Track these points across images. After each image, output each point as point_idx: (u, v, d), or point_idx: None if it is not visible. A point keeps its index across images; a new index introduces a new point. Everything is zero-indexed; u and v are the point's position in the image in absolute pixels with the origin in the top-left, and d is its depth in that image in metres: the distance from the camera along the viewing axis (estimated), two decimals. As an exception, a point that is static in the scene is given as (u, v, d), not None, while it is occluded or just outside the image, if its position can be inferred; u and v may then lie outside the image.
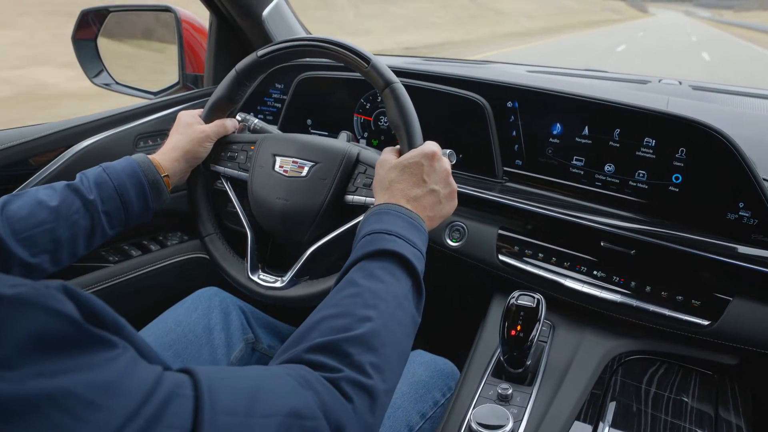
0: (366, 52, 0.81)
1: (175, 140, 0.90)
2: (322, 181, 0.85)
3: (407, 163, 0.73)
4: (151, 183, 0.85)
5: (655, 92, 1.17)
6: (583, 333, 0.89)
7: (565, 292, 0.90)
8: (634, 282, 0.86)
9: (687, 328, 0.81)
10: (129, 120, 1.12)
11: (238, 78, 0.91)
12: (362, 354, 0.51)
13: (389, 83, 0.79)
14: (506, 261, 0.96)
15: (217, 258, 0.92)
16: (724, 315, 0.79)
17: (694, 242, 0.82)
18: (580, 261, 0.91)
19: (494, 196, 0.97)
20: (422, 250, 0.66)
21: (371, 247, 0.63)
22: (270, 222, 0.89)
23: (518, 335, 0.78)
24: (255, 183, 0.90)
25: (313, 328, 0.54)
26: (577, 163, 0.97)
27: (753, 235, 0.81)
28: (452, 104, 1.06)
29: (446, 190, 0.75)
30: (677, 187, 0.88)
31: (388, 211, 0.68)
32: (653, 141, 0.89)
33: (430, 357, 0.96)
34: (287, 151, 0.89)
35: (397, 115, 0.78)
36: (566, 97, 0.95)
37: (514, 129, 1.03)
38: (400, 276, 0.61)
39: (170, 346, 0.97)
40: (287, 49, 0.87)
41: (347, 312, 0.55)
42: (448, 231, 1.03)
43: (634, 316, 0.84)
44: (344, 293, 0.58)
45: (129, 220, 0.85)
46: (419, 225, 0.68)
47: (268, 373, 0.46)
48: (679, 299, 0.82)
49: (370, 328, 0.53)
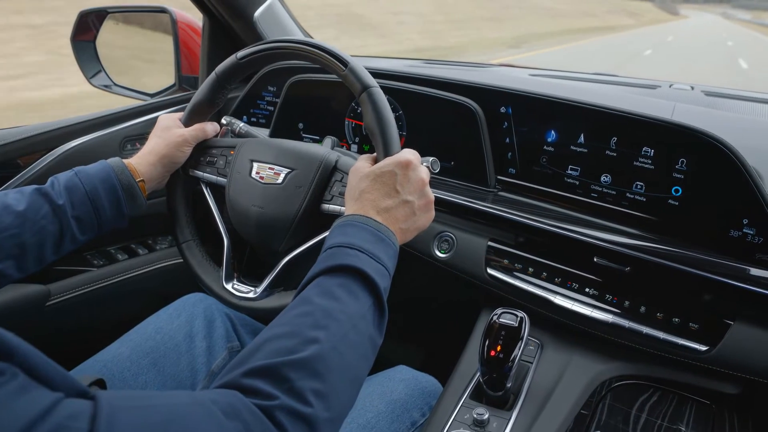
0: (344, 55, 0.78)
1: (152, 144, 0.88)
2: (298, 188, 0.82)
3: (380, 172, 0.70)
4: (125, 188, 0.82)
5: (662, 98, 1.11)
6: (572, 354, 0.83)
7: (554, 310, 0.85)
8: (627, 301, 0.80)
9: (683, 353, 0.75)
10: (116, 122, 1.10)
11: (218, 81, 0.88)
12: (304, 379, 0.48)
13: (366, 87, 0.75)
14: (494, 275, 0.91)
15: (193, 265, 0.90)
16: (724, 340, 0.73)
17: (693, 261, 0.76)
18: (571, 277, 0.86)
19: (483, 206, 0.92)
20: (388, 266, 0.62)
21: (330, 262, 0.59)
22: (246, 230, 0.87)
23: (498, 356, 0.74)
24: (232, 189, 0.87)
25: (258, 348, 0.51)
26: (573, 172, 0.92)
27: (758, 255, 0.75)
28: (443, 109, 1.02)
29: (421, 201, 0.71)
30: (677, 201, 0.82)
31: (353, 223, 0.65)
32: (652, 151, 0.83)
33: (413, 374, 0.91)
34: (265, 157, 0.86)
35: (374, 121, 0.74)
36: (561, 102, 0.90)
37: (508, 136, 0.98)
38: (360, 294, 0.58)
39: (148, 354, 0.95)
40: (266, 52, 0.84)
41: (295, 332, 0.52)
42: (437, 242, 0.98)
43: (626, 338, 0.78)
44: (295, 311, 0.55)
45: (102, 226, 0.82)
46: (387, 238, 0.64)
47: (189, 400, 0.42)
48: (676, 322, 0.76)
49: (315, 351, 0.50)
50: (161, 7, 1.31)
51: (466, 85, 1.01)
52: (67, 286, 1.03)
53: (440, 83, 1.04)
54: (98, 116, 1.09)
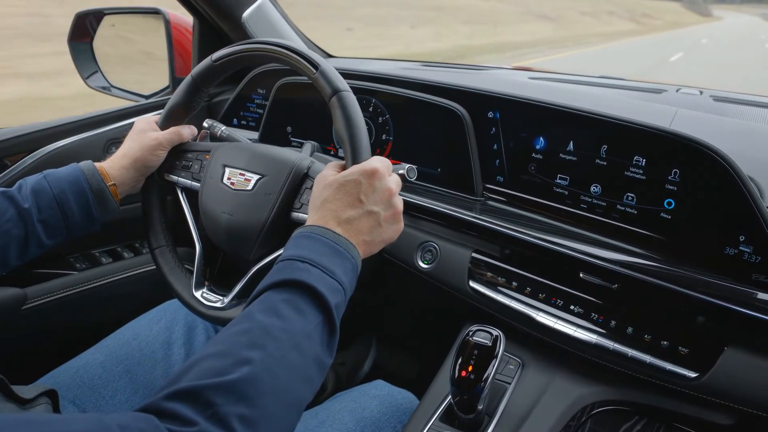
0: (316, 58, 0.75)
1: (126, 148, 0.86)
2: (268, 195, 0.79)
3: (344, 181, 0.66)
4: (94, 192, 0.81)
5: (666, 103, 1.05)
6: (554, 375, 0.78)
7: (536, 328, 0.80)
8: (614, 321, 0.75)
9: (670, 379, 0.69)
10: (101, 124, 1.09)
11: (194, 84, 0.86)
12: (230, 404, 0.44)
13: (336, 91, 0.72)
14: (477, 288, 0.86)
15: (165, 272, 0.88)
16: (715, 367, 0.67)
17: (685, 280, 0.71)
18: (556, 293, 0.81)
19: (465, 216, 0.88)
20: (343, 281, 0.58)
21: (279, 276, 0.56)
22: (217, 237, 0.84)
23: (469, 377, 0.69)
24: (203, 194, 0.85)
25: (191, 367, 0.48)
26: (562, 181, 0.87)
27: (754, 275, 0.69)
28: (430, 114, 0.98)
29: (388, 211, 0.67)
30: (669, 214, 0.77)
31: (310, 234, 0.61)
32: (643, 160, 0.78)
33: (389, 390, 0.88)
34: (237, 162, 0.83)
35: (343, 127, 0.71)
36: (549, 107, 0.85)
37: (496, 142, 0.94)
38: (307, 311, 0.54)
39: (122, 361, 0.93)
40: (239, 54, 0.81)
41: (228, 352, 0.49)
42: (420, 252, 0.94)
43: (610, 360, 0.73)
44: (234, 329, 0.52)
45: (71, 230, 0.81)
46: (346, 251, 0.61)
47: (90, 426, 0.39)
48: (664, 345, 0.71)
49: (246, 373, 0.46)
50: (155, 8, 1.30)
51: (453, 88, 0.97)
52: (45, 289, 1.02)
53: (428, 87, 1.00)
54: (83, 118, 1.08)
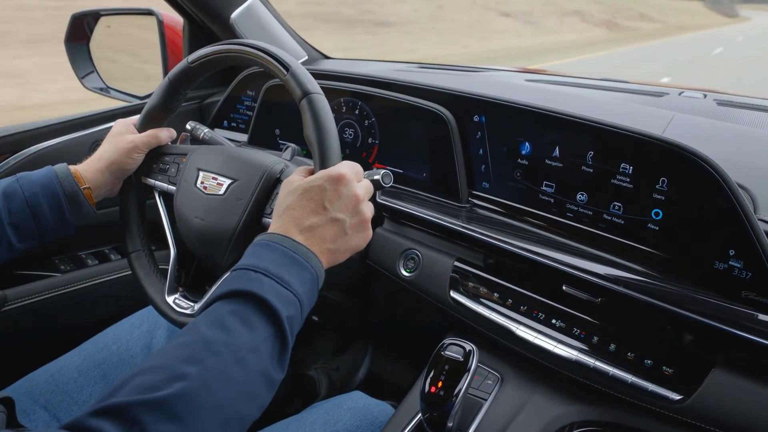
0: (287, 59, 0.72)
1: (101, 151, 0.86)
2: (239, 200, 0.77)
3: (308, 187, 0.64)
4: (67, 195, 0.80)
5: (665, 107, 1.00)
6: (533, 392, 0.75)
7: (515, 342, 0.76)
8: (596, 337, 0.71)
9: (653, 400, 0.65)
10: (88, 125, 1.09)
11: (171, 86, 0.85)
12: (158, 422, 0.42)
13: (306, 94, 0.70)
14: (457, 299, 0.83)
15: (139, 276, 0.86)
16: (701, 389, 0.63)
17: (671, 296, 0.67)
18: (538, 306, 0.77)
19: (447, 223, 0.85)
20: (298, 291, 0.56)
21: (229, 286, 0.54)
22: (190, 242, 0.82)
23: (438, 393, 0.66)
24: (178, 198, 0.83)
25: (127, 382, 0.46)
26: (547, 189, 0.83)
27: (744, 292, 0.65)
28: (416, 117, 0.95)
29: (354, 219, 0.64)
30: (657, 225, 0.72)
31: (267, 243, 0.59)
32: (630, 168, 0.74)
33: (366, 401, 0.85)
34: (210, 166, 0.81)
35: (312, 130, 0.69)
36: (534, 111, 0.82)
37: (482, 147, 0.90)
38: (256, 323, 0.52)
39: (99, 365, 0.92)
40: (214, 55, 0.80)
41: (165, 366, 0.46)
42: (403, 260, 0.92)
43: (591, 378, 0.69)
44: (177, 341, 0.50)
45: (44, 234, 0.80)
46: (305, 261, 0.58)
47: None
48: (648, 364, 0.67)
49: (179, 390, 0.44)
50: (148, 9, 1.30)
51: (440, 91, 0.93)
52: (27, 291, 1.01)
53: (415, 89, 0.98)
54: (70, 119, 1.07)
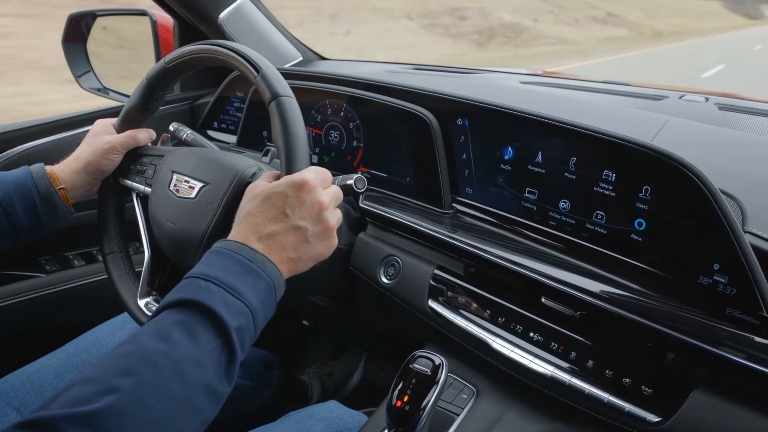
0: (259, 61, 0.71)
1: (78, 151, 0.85)
2: (209, 204, 0.75)
3: (270, 193, 0.62)
4: (42, 195, 0.79)
5: (662, 111, 0.96)
6: (509, 407, 0.72)
7: (491, 355, 0.73)
8: (574, 353, 0.68)
9: (630, 422, 0.62)
10: (76, 126, 1.08)
11: (150, 86, 0.84)
12: None
13: (275, 96, 0.68)
14: (435, 308, 0.80)
15: (114, 278, 0.85)
16: (680, 411, 0.59)
17: (652, 311, 0.63)
18: (517, 318, 0.74)
19: (426, 229, 0.82)
20: (251, 301, 0.54)
21: (177, 294, 0.52)
22: (162, 245, 0.81)
23: (404, 407, 0.64)
24: (152, 200, 0.82)
25: (62, 393, 0.44)
26: (530, 196, 0.80)
27: (727, 309, 0.61)
28: (399, 120, 0.93)
29: (317, 227, 0.62)
30: (640, 236, 0.69)
31: (222, 250, 0.57)
32: (613, 175, 0.70)
33: (340, 412, 0.83)
34: (184, 168, 0.80)
35: (279, 134, 0.67)
36: (516, 115, 0.79)
37: (465, 151, 0.88)
38: (201, 334, 0.50)
39: (77, 367, 0.92)
40: (189, 55, 0.78)
41: (100, 378, 0.45)
42: (383, 267, 0.89)
43: (566, 396, 0.66)
44: (117, 351, 0.48)
45: (20, 235, 0.80)
46: (260, 270, 0.56)
47: None
48: (626, 383, 0.63)
49: (110, 404, 0.42)
50: (141, 9, 1.30)
51: (424, 93, 0.91)
52: (8, 291, 1.01)
53: (399, 91, 0.95)
54: (58, 119, 1.07)
